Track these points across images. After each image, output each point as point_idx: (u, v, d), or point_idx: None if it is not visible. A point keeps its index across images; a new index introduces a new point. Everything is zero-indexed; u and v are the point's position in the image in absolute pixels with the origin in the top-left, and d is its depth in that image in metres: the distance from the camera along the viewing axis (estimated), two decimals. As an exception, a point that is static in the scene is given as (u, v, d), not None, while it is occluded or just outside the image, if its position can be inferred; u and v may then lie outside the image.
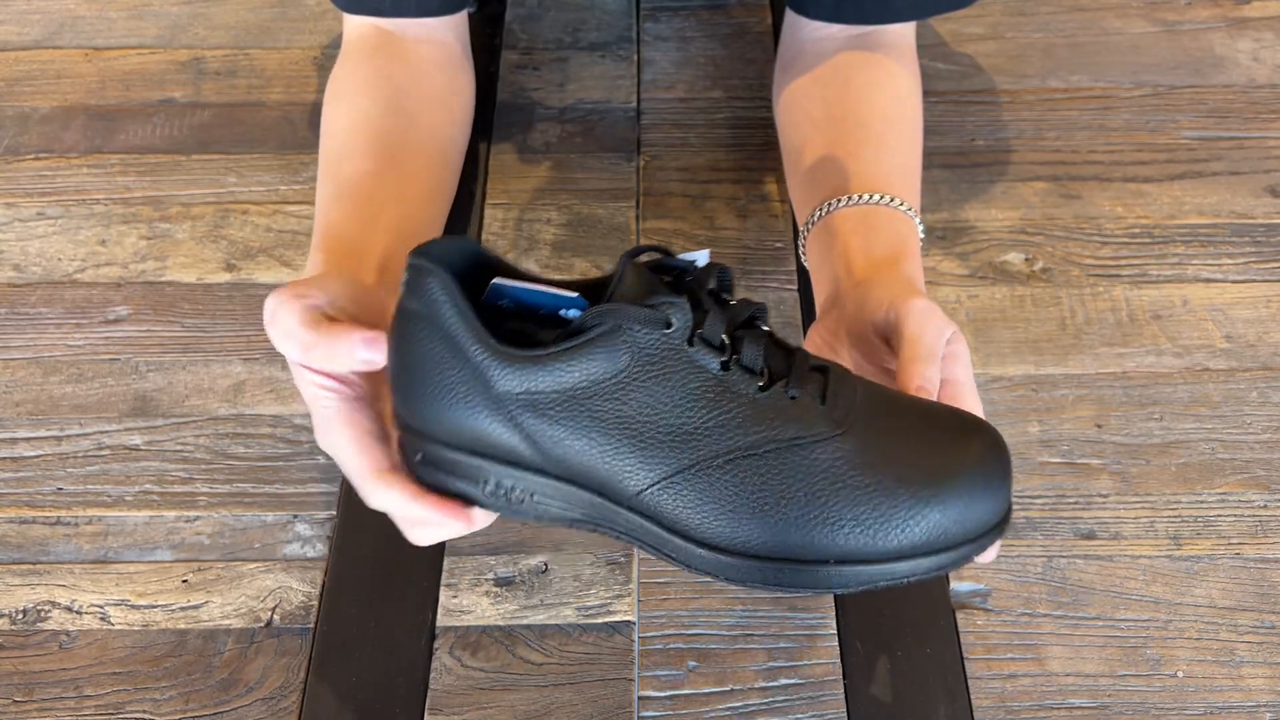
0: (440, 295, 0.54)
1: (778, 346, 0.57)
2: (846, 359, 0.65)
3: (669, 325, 0.54)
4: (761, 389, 0.55)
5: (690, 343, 0.54)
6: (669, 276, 0.56)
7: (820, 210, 0.72)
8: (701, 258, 0.57)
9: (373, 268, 0.66)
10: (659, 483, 0.55)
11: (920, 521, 0.54)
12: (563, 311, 0.58)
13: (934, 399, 0.58)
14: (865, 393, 0.57)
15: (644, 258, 0.57)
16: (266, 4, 1.07)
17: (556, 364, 0.54)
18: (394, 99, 0.76)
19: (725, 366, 0.55)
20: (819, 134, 0.77)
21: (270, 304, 0.58)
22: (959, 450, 0.55)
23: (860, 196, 0.71)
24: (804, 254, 0.75)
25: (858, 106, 0.78)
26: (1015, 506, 0.74)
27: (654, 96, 0.99)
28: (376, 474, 0.58)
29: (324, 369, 0.58)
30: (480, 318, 0.55)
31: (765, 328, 0.57)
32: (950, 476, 0.54)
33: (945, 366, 0.61)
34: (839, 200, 0.71)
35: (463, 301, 0.54)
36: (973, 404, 0.60)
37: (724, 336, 0.55)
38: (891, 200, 0.71)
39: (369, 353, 0.56)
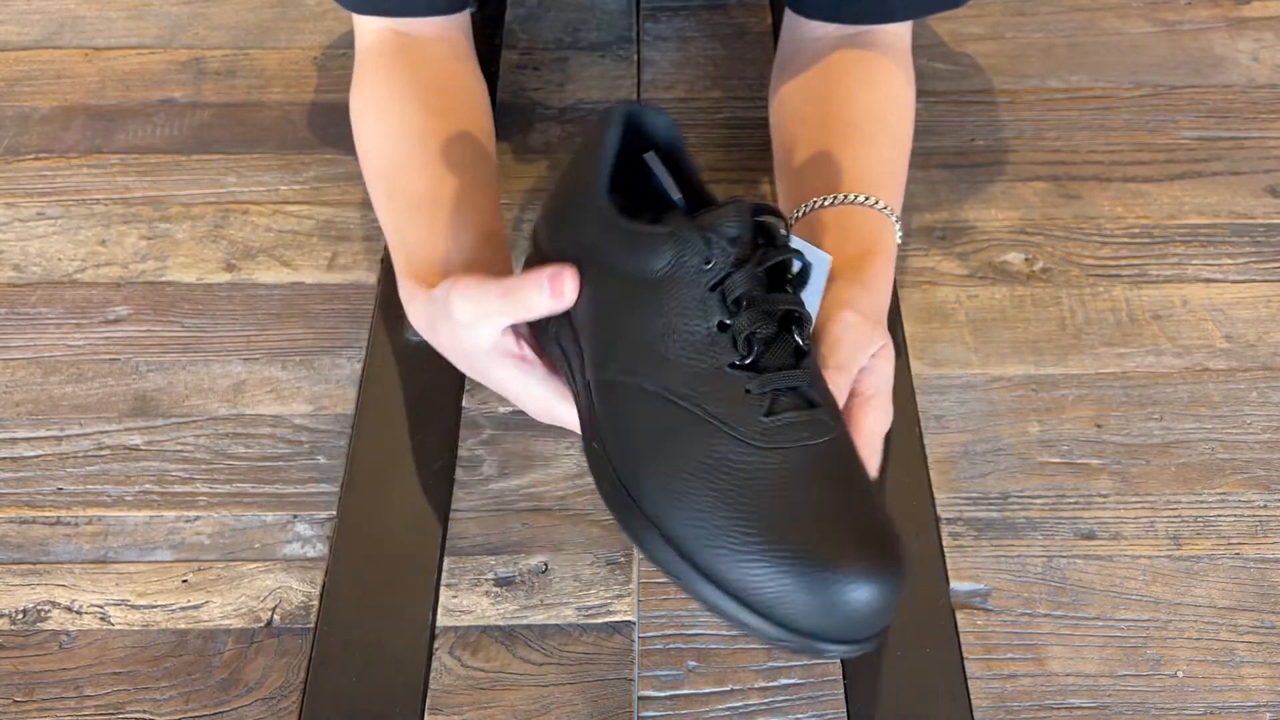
0: (604, 140, 0.59)
1: (787, 351, 0.56)
2: None
3: (708, 262, 0.55)
4: (732, 366, 0.55)
5: (712, 289, 0.55)
6: (763, 238, 0.57)
7: (802, 209, 0.73)
8: (818, 254, 0.61)
9: (459, 267, 0.67)
10: (602, 376, 0.58)
11: (756, 573, 0.52)
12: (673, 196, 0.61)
13: (839, 407, 0.58)
14: (819, 442, 0.55)
15: (771, 216, 0.57)
16: (266, 4, 1.07)
17: (620, 232, 0.57)
18: (427, 99, 0.77)
19: (722, 328, 0.55)
20: (808, 133, 0.78)
21: (448, 297, 0.61)
22: (843, 551, 0.52)
23: (840, 197, 0.71)
24: None
25: (847, 105, 0.78)
26: (1015, 506, 0.74)
27: (654, 96, 0.99)
28: (558, 401, 0.63)
29: (522, 317, 0.60)
30: (620, 170, 0.60)
31: (799, 340, 0.57)
32: (814, 562, 0.51)
33: (860, 378, 0.62)
34: (820, 200, 0.72)
35: (610, 154, 0.60)
36: (873, 420, 0.61)
37: (742, 293, 0.55)
38: (869, 200, 0.71)
39: (555, 284, 0.58)
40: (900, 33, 0.83)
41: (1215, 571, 0.72)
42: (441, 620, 0.69)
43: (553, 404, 0.64)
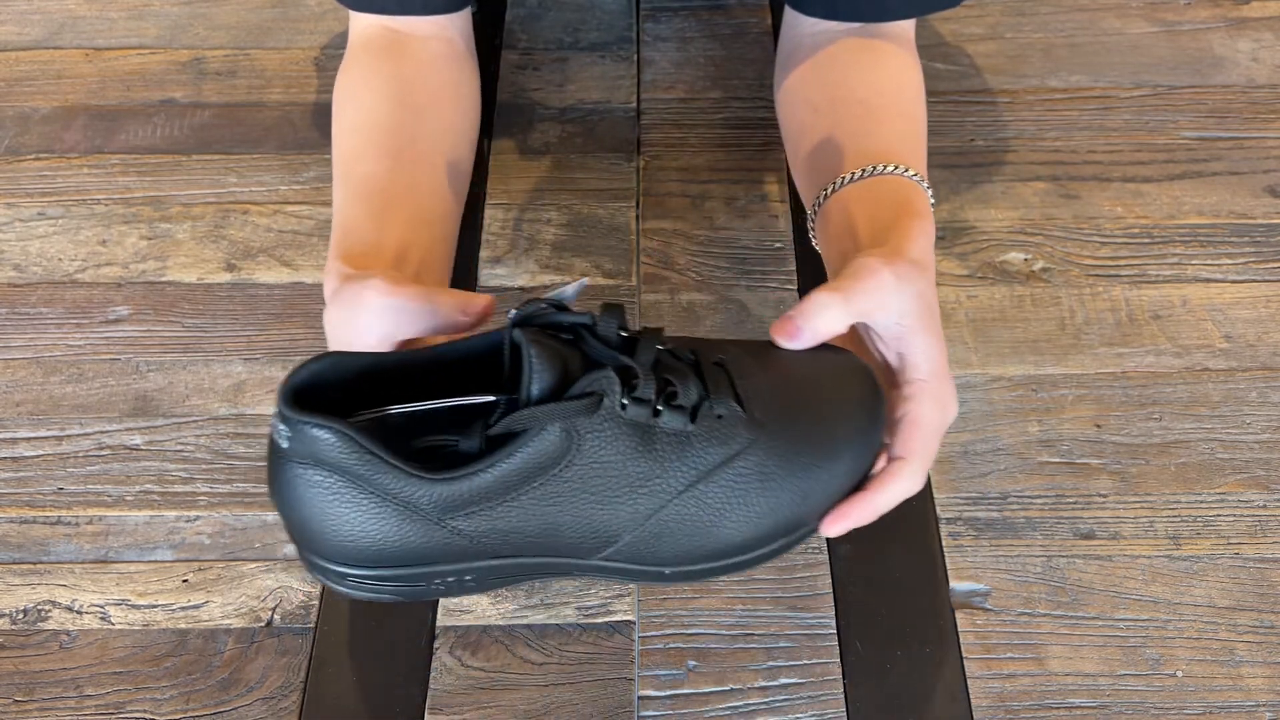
0: (333, 441, 0.50)
1: (686, 363, 0.57)
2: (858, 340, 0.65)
3: (601, 402, 0.53)
4: (691, 419, 0.55)
5: (623, 406, 0.54)
6: (567, 334, 0.55)
7: (826, 190, 0.71)
8: (572, 289, 0.56)
9: (388, 262, 0.66)
10: (624, 538, 0.56)
11: (835, 480, 0.58)
12: (469, 402, 0.56)
13: (799, 344, 0.60)
14: (759, 366, 0.58)
15: (532, 311, 0.55)
16: (266, 4, 1.07)
17: (491, 473, 0.52)
18: (401, 94, 0.77)
19: (655, 413, 0.55)
20: (820, 118, 0.77)
21: (365, 283, 0.59)
22: (840, 404, 0.59)
23: (864, 170, 0.70)
24: (814, 239, 0.74)
25: (858, 86, 0.78)
26: (1015, 506, 0.74)
27: (654, 96, 0.99)
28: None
29: (426, 322, 0.58)
30: (382, 444, 0.51)
31: (664, 348, 0.57)
32: (842, 434, 0.58)
33: (904, 367, 0.62)
34: (843, 179, 0.70)
35: (362, 440, 0.50)
36: (900, 487, 0.60)
37: (653, 391, 0.54)
38: (895, 168, 0.70)
39: (473, 305, 0.58)
40: (903, 27, 0.82)
41: (1215, 571, 0.72)
42: (441, 620, 0.70)
43: None
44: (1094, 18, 1.06)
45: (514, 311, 0.55)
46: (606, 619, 0.70)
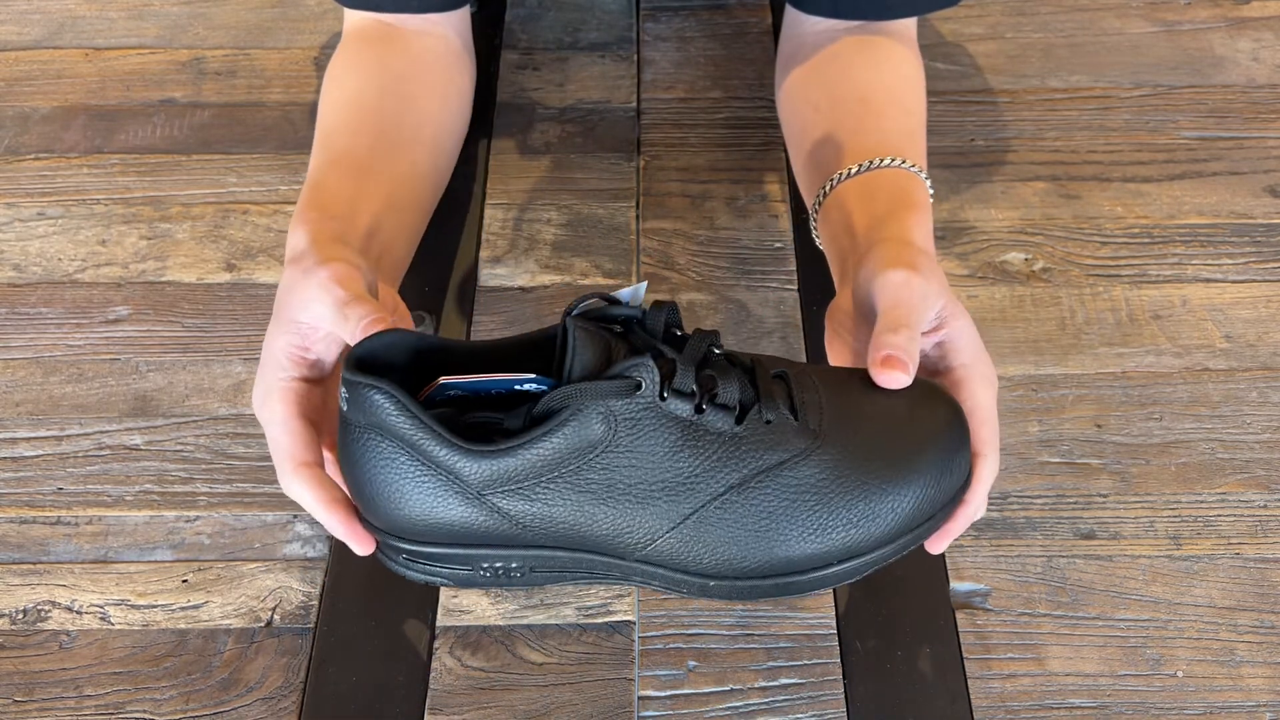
0: (387, 405, 0.53)
1: (740, 368, 0.57)
2: (853, 341, 0.64)
3: (639, 388, 0.53)
4: (738, 421, 0.55)
5: (662, 397, 0.54)
6: (618, 326, 0.56)
7: (826, 186, 0.71)
8: (638, 291, 0.57)
9: (360, 231, 0.66)
10: (662, 535, 0.55)
11: (903, 504, 0.56)
12: (518, 386, 0.57)
13: (911, 373, 0.58)
14: (825, 386, 0.57)
15: (587, 306, 0.56)
16: (266, 4, 1.07)
17: (530, 449, 0.53)
18: (391, 84, 0.77)
19: (699, 409, 0.55)
20: (821, 117, 0.77)
21: (321, 267, 0.59)
22: (920, 426, 0.57)
23: (860, 165, 0.70)
24: (817, 239, 0.74)
25: (859, 84, 0.78)
26: (1015, 506, 0.74)
27: (654, 96, 0.99)
28: (296, 464, 0.58)
29: (335, 331, 0.58)
30: (434, 414, 0.53)
31: (719, 350, 0.57)
32: (920, 455, 0.56)
33: (947, 350, 0.61)
34: (840, 175, 0.70)
35: (413, 406, 0.53)
36: (981, 389, 0.59)
37: (694, 385, 0.54)
38: (893, 161, 0.69)
39: (367, 326, 0.56)
40: (905, 26, 0.82)
41: (1215, 571, 0.72)
42: (441, 620, 0.69)
43: (286, 443, 0.59)
44: (1094, 18, 1.06)
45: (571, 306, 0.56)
46: (606, 619, 0.70)
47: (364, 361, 0.54)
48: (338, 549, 0.72)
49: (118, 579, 0.71)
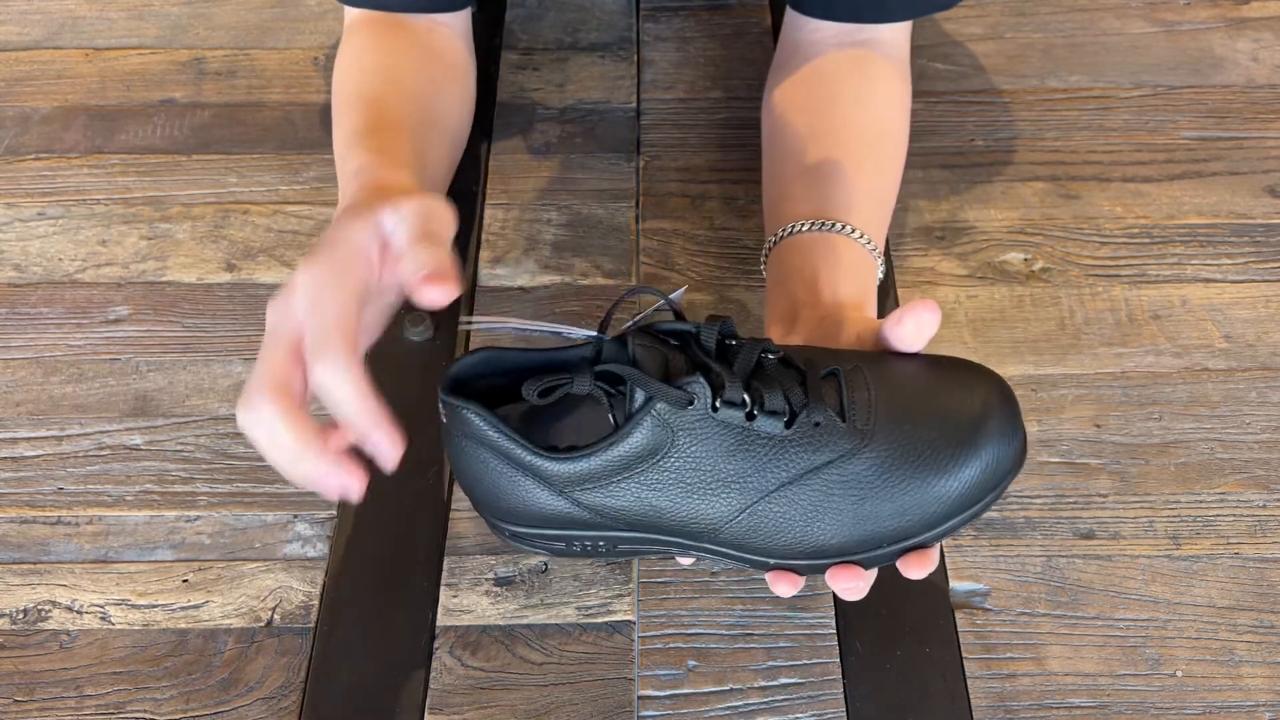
0: (478, 423, 0.60)
1: (790, 369, 0.61)
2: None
3: (693, 402, 0.59)
4: (787, 425, 0.59)
5: (715, 408, 0.59)
6: (674, 340, 0.62)
7: (787, 230, 0.73)
8: (679, 295, 0.64)
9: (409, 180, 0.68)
10: (724, 525, 0.61)
11: (958, 487, 0.60)
12: (567, 333, 0.63)
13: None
14: (875, 382, 0.61)
15: (645, 319, 0.62)
16: (266, 4, 1.07)
17: (601, 456, 0.60)
18: (419, 63, 0.78)
19: (750, 416, 0.59)
20: (800, 148, 0.78)
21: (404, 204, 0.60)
22: (971, 409, 0.60)
23: (826, 224, 0.72)
24: (764, 265, 0.76)
25: (841, 123, 0.78)
26: (1015, 506, 0.74)
27: (654, 96, 0.99)
28: (274, 383, 0.54)
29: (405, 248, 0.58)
30: (518, 426, 0.62)
31: (773, 355, 0.61)
32: (974, 439, 0.60)
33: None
34: (806, 225, 0.72)
35: (499, 422, 0.60)
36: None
37: (744, 395, 0.59)
38: (856, 233, 0.72)
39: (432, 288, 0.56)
40: (899, 37, 0.82)
41: (1214, 571, 0.72)
42: (441, 620, 0.70)
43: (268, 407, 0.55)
44: (1094, 18, 1.06)
45: (629, 323, 0.63)
46: (606, 619, 0.70)
47: (457, 382, 0.62)
48: (338, 549, 0.72)
49: (118, 579, 0.71)
